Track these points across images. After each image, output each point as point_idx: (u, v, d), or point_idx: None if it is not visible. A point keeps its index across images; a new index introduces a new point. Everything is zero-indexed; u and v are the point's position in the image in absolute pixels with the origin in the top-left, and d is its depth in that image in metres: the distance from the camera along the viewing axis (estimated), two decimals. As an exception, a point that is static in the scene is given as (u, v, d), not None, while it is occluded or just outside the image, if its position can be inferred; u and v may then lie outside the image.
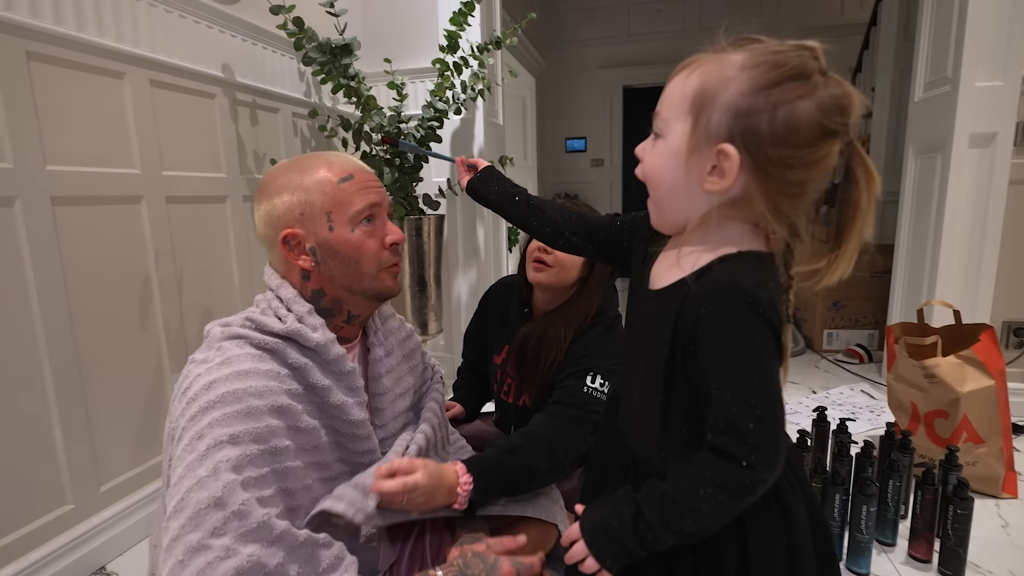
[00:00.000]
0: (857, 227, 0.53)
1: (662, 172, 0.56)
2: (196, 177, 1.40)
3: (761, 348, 0.51)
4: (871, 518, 1.10)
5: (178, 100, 1.35)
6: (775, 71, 0.50)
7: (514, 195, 0.85)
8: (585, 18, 4.97)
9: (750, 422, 0.51)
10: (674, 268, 0.58)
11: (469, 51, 1.80)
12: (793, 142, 0.50)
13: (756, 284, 0.51)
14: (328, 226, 0.70)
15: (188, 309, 1.39)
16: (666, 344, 0.56)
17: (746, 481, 0.51)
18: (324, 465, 0.70)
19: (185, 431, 0.59)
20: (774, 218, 0.53)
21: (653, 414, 0.60)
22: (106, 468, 1.20)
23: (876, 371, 2.34)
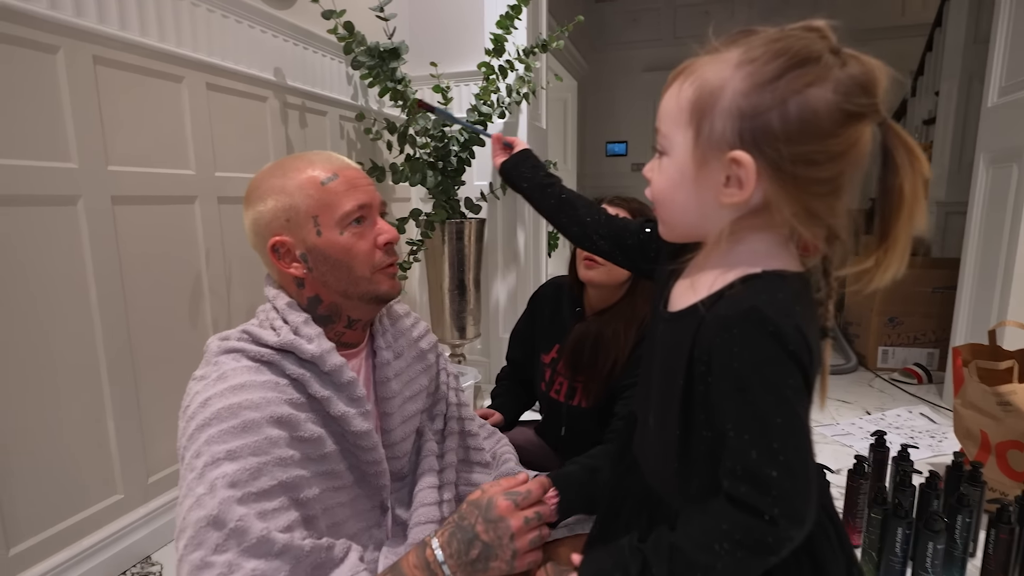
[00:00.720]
0: (904, 217, 0.45)
1: (671, 191, 0.51)
2: (247, 178, 1.43)
3: (784, 385, 0.44)
4: (938, 556, 1.02)
5: (232, 103, 1.38)
6: (776, 61, 0.44)
7: (546, 186, 0.80)
8: (630, 20, 4.90)
9: (773, 470, 0.44)
10: (693, 290, 0.52)
11: (515, 54, 1.79)
12: (812, 135, 0.44)
13: (779, 310, 0.44)
14: (316, 230, 0.66)
15: (235, 307, 1.42)
16: (681, 374, 0.50)
17: (768, 539, 0.44)
18: (334, 474, 0.67)
19: (185, 450, 0.58)
20: (807, 223, 0.47)
21: (670, 450, 0.54)
22: (154, 460, 1.24)
23: (936, 393, 2.20)
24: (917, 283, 2.39)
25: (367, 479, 0.72)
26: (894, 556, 1.07)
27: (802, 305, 0.47)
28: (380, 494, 0.74)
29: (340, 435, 0.68)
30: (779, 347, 0.44)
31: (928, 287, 2.38)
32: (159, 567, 1.18)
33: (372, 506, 0.74)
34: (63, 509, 1.06)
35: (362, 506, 0.72)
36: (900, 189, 0.45)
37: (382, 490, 0.74)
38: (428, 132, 1.68)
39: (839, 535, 0.56)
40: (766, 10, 4.56)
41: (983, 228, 1.86)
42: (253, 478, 0.56)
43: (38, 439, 1.02)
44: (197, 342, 1.32)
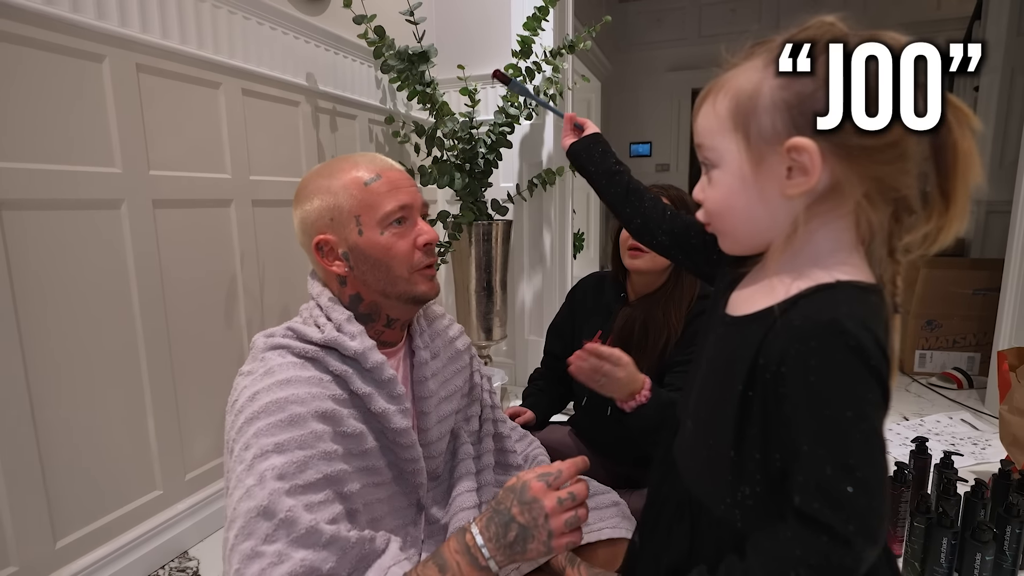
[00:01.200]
0: (961, 174, 0.45)
1: (730, 198, 0.50)
2: (279, 182, 1.46)
3: (864, 400, 0.43)
4: (986, 567, 0.99)
5: (266, 108, 1.41)
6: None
7: (615, 173, 0.80)
8: (654, 20, 4.86)
9: (848, 486, 0.43)
10: (758, 295, 0.52)
11: (542, 56, 1.79)
12: None
13: (859, 323, 0.43)
14: (358, 230, 0.68)
15: (268, 309, 1.45)
16: (741, 380, 0.49)
17: (846, 560, 0.43)
18: (374, 470, 0.69)
19: (235, 443, 0.60)
20: (882, 195, 0.46)
21: (719, 458, 0.53)
22: (191, 457, 1.26)
23: (978, 398, 2.12)
24: (956, 284, 2.32)
25: (404, 476, 0.73)
26: (938, 567, 1.04)
27: (879, 318, 0.46)
28: (416, 492, 0.75)
29: (380, 432, 0.69)
30: (860, 362, 0.43)
31: (968, 289, 2.30)
32: (196, 562, 1.20)
33: (409, 503, 0.74)
34: (106, 504, 1.10)
35: (399, 503, 0.73)
36: (954, 145, 0.44)
37: (419, 488, 0.74)
38: (456, 134, 1.69)
39: (890, 561, 0.54)
40: (793, 8, 4.48)
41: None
42: (300, 471, 0.58)
43: (83, 436, 1.05)
44: (232, 342, 1.35)
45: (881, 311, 0.47)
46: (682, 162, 4.99)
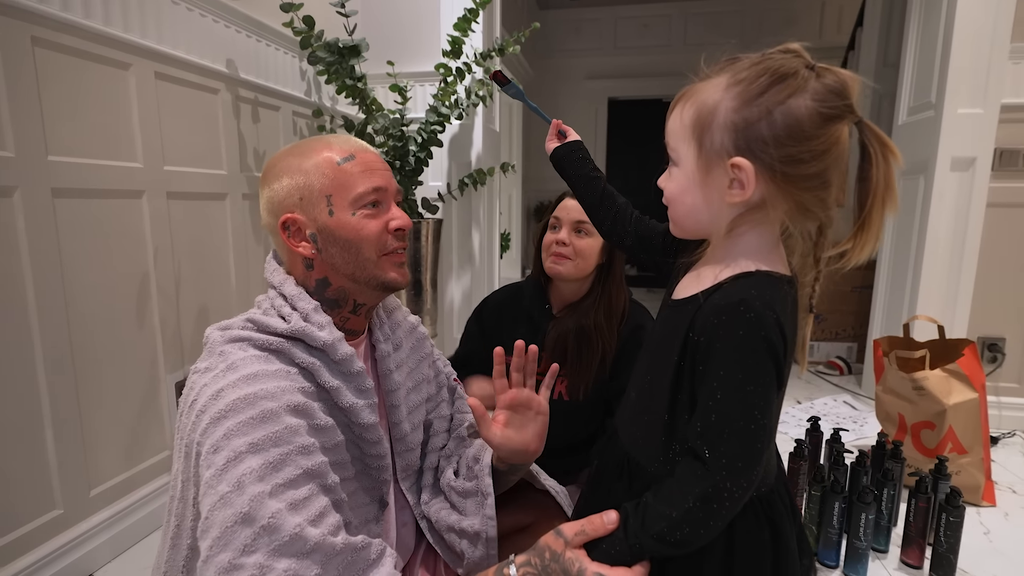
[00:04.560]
0: (879, 202, 0.52)
1: (682, 195, 0.59)
2: (197, 173, 1.37)
3: (755, 366, 0.51)
4: (869, 525, 1.13)
5: (182, 94, 1.32)
6: (759, 80, 0.52)
7: (593, 179, 0.86)
8: (573, 29, 5.04)
9: (725, 430, 0.52)
10: (696, 282, 0.60)
11: (472, 57, 1.81)
12: (798, 137, 0.51)
13: (764, 303, 0.52)
14: (328, 210, 0.66)
15: (185, 308, 1.35)
16: (676, 352, 0.57)
17: (709, 489, 0.52)
18: (342, 464, 0.67)
19: (200, 446, 0.56)
20: (800, 215, 0.55)
21: (655, 420, 0.61)
22: (97, 471, 1.16)
23: (856, 382, 2.41)
24: (839, 283, 2.62)
25: (369, 472, 0.72)
26: (831, 528, 1.18)
27: (784, 303, 0.54)
28: (380, 489, 0.74)
29: (346, 426, 0.68)
30: (757, 335, 0.51)
31: (848, 286, 2.61)
32: (104, 585, 1.10)
33: (371, 500, 0.73)
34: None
35: (360, 500, 0.72)
36: (874, 178, 0.52)
37: (383, 484, 0.74)
38: (387, 131, 1.67)
39: (792, 509, 0.64)
40: (698, 26, 4.83)
41: (896, 233, 2.07)
42: (278, 469, 0.55)
43: (-32, 452, 0.93)
44: (144, 344, 1.25)
45: (787, 297, 0.56)
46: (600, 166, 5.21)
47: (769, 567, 0.59)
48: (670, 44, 4.92)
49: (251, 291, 1.57)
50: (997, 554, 1.26)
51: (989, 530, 1.35)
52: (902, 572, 1.20)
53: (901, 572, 1.20)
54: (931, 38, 1.87)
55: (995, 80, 1.75)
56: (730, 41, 0.62)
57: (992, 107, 1.76)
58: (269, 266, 0.71)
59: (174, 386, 1.32)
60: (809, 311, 0.58)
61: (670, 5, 4.85)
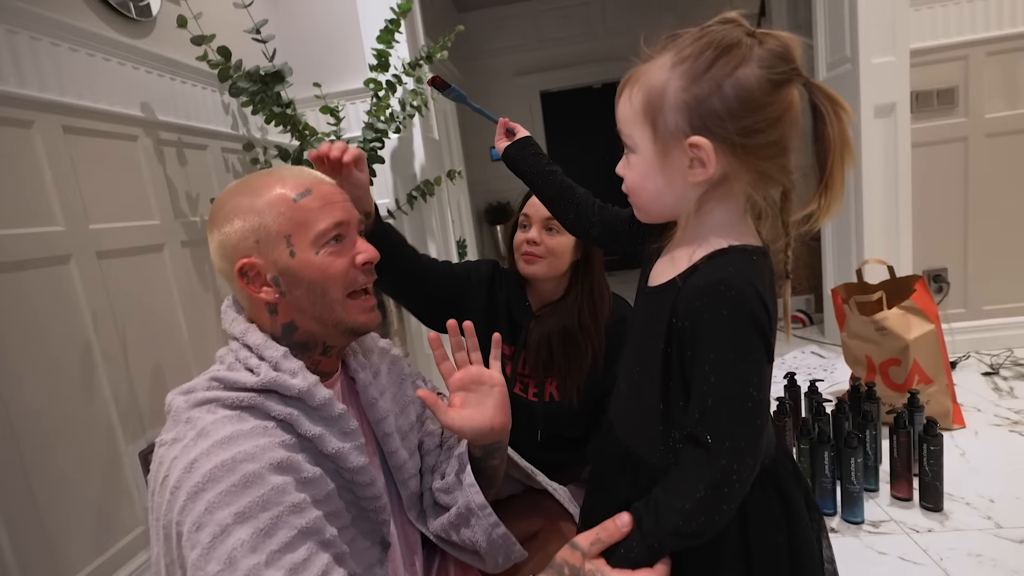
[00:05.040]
0: (838, 159, 0.52)
1: (643, 181, 0.58)
2: (128, 227, 1.28)
3: (743, 344, 0.51)
4: (859, 469, 1.17)
5: (97, 145, 1.23)
6: (704, 55, 0.51)
7: (549, 173, 0.83)
8: (494, 28, 5.04)
9: (724, 414, 0.51)
10: (670, 266, 0.59)
11: (401, 68, 1.77)
12: (751, 108, 0.51)
13: (743, 279, 0.51)
14: (288, 251, 0.62)
15: (137, 372, 1.26)
16: (662, 340, 0.56)
17: (718, 475, 0.51)
18: (337, 514, 0.64)
19: (180, 526, 0.51)
20: (762, 184, 0.54)
21: (650, 411, 0.60)
22: (66, 564, 1.06)
23: (819, 332, 2.51)
24: (787, 240, 2.71)
25: (366, 516, 0.68)
26: (824, 477, 1.21)
27: (762, 275, 0.54)
28: (380, 530, 0.70)
29: (335, 472, 0.64)
30: (742, 313, 0.51)
31: (796, 242, 2.71)
32: None
33: (372, 543, 0.70)
34: (-42, 648, 0.88)
35: (360, 545, 0.68)
36: (829, 135, 0.52)
37: (382, 526, 0.70)
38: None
39: (796, 472, 0.65)
40: (616, 10, 4.92)
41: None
42: (270, 535, 0.51)
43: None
44: (97, 417, 1.16)
45: (764, 269, 0.56)
46: (542, 160, 5.24)
47: (784, 536, 0.59)
48: (592, 31, 4.99)
49: (207, 343, 1.49)
50: (976, 473, 1.32)
51: (964, 451, 1.42)
52: (895, 507, 1.24)
53: (894, 507, 1.24)
54: (837, -5, 1.95)
55: (901, 28, 1.84)
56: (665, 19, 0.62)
57: (902, 53, 1.85)
58: (227, 316, 0.66)
59: (138, 456, 1.24)
60: (786, 277, 0.58)
61: (587, -7, 4.91)
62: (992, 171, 1.95)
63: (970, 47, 1.89)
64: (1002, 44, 1.88)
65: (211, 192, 1.57)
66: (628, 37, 3.44)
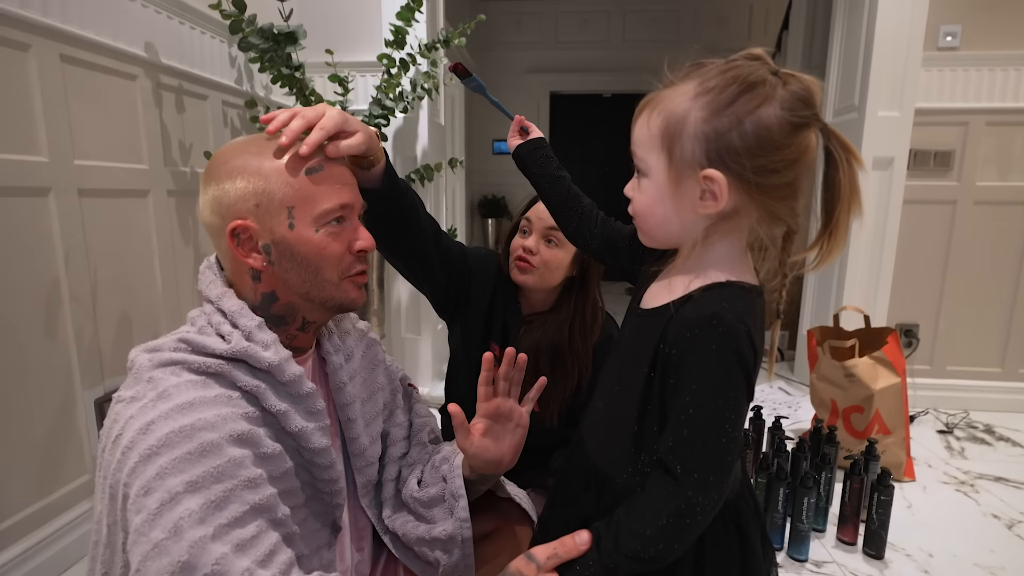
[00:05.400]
0: (845, 207, 0.53)
1: (652, 206, 0.57)
2: (114, 168, 1.24)
3: (727, 380, 0.51)
4: (810, 508, 1.20)
5: (94, 80, 1.19)
6: (728, 89, 0.52)
7: (558, 178, 0.83)
8: (514, 21, 5.02)
9: (696, 446, 0.51)
10: (665, 291, 0.59)
11: (417, 48, 1.75)
12: (769, 148, 0.51)
13: (736, 316, 0.52)
14: (288, 223, 0.60)
15: (104, 317, 1.23)
16: (647, 363, 0.57)
17: (682, 505, 0.51)
18: (292, 492, 0.62)
19: (127, 487, 0.49)
20: (769, 224, 0.55)
21: (624, 431, 0.60)
22: (4, 504, 1.03)
23: (789, 369, 2.55)
24: (771, 275, 2.76)
25: (320, 497, 0.67)
26: (777, 513, 1.23)
27: (754, 314, 0.54)
28: (332, 513, 0.69)
29: (295, 450, 0.62)
30: (729, 349, 0.51)
31: (779, 278, 2.76)
32: (16, 630, 0.99)
33: (322, 525, 0.69)
34: None
35: (311, 527, 0.67)
36: (840, 183, 0.52)
37: (335, 509, 0.69)
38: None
39: (757, 509, 0.66)
40: (636, 24, 4.93)
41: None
42: (221, 507, 0.49)
43: None
44: (56, 359, 1.12)
45: (757, 308, 0.56)
46: (542, 161, 5.23)
47: (738, 570, 0.60)
48: (609, 40, 5.00)
49: (181, 298, 1.45)
50: (920, 526, 1.36)
51: (911, 504, 1.46)
52: (839, 549, 1.28)
53: (838, 549, 1.27)
54: (854, 45, 1.98)
55: (910, 85, 1.88)
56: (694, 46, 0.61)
57: (907, 110, 1.89)
58: (204, 277, 0.64)
59: (93, 403, 1.20)
60: (776, 317, 0.58)
61: (608, 1, 4.91)
62: (975, 237, 2.01)
63: (971, 114, 1.94)
64: (1002, 116, 1.93)
65: (206, 144, 1.53)
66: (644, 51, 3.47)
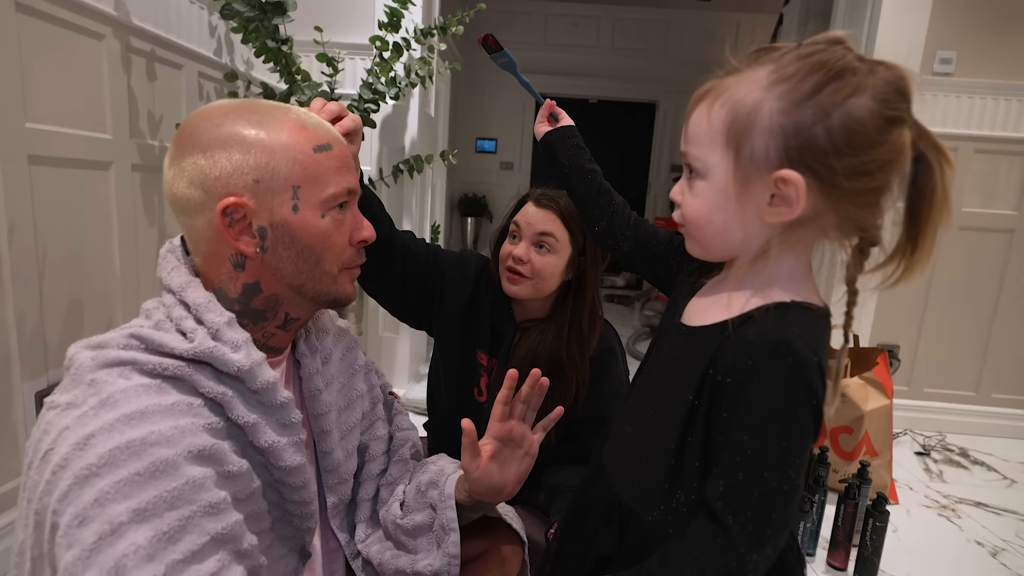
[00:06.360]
0: (935, 217, 0.45)
1: (710, 213, 0.50)
2: (72, 135, 1.11)
3: (794, 419, 0.45)
4: (805, 533, 1.16)
5: (53, 35, 1.06)
6: (812, 77, 0.45)
7: (588, 171, 0.77)
8: (504, 19, 4.95)
9: (754, 494, 0.45)
10: (716, 306, 0.52)
11: (412, 33, 1.66)
12: (860, 145, 0.44)
13: (806, 345, 0.45)
14: (292, 204, 0.52)
15: (51, 301, 1.10)
16: (692, 389, 0.50)
17: (733, 563, 0.45)
18: (258, 516, 0.54)
19: (58, 515, 0.40)
20: (848, 233, 0.48)
21: (657, 463, 0.53)
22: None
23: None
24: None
25: (289, 520, 0.58)
26: (770, 537, 1.19)
27: (825, 342, 0.48)
28: (301, 538, 0.60)
29: (263, 466, 0.54)
30: (799, 381, 0.44)
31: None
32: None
33: (289, 551, 0.60)
34: None
35: (277, 553, 0.58)
36: (934, 189, 0.45)
37: (305, 533, 0.60)
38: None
39: (800, 557, 0.58)
40: (625, 32, 4.93)
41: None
42: (175, 540, 0.41)
43: None
44: (-8, 346, 0.99)
45: (827, 335, 0.50)
46: (525, 162, 5.18)
47: None
48: (598, 46, 4.98)
49: (141, 284, 1.33)
50: (907, 552, 1.34)
51: (897, 528, 1.44)
52: (829, 574, 1.24)
53: (828, 575, 1.24)
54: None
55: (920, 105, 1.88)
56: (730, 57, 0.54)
57: (901, 132, 1.90)
58: (165, 263, 0.54)
59: (34, 397, 1.07)
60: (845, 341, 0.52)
61: (599, 7, 4.90)
62: (958, 262, 2.03)
63: (961, 140, 1.96)
64: (989, 144, 1.96)
65: (178, 117, 1.41)
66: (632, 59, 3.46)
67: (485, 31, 0.94)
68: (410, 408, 1.93)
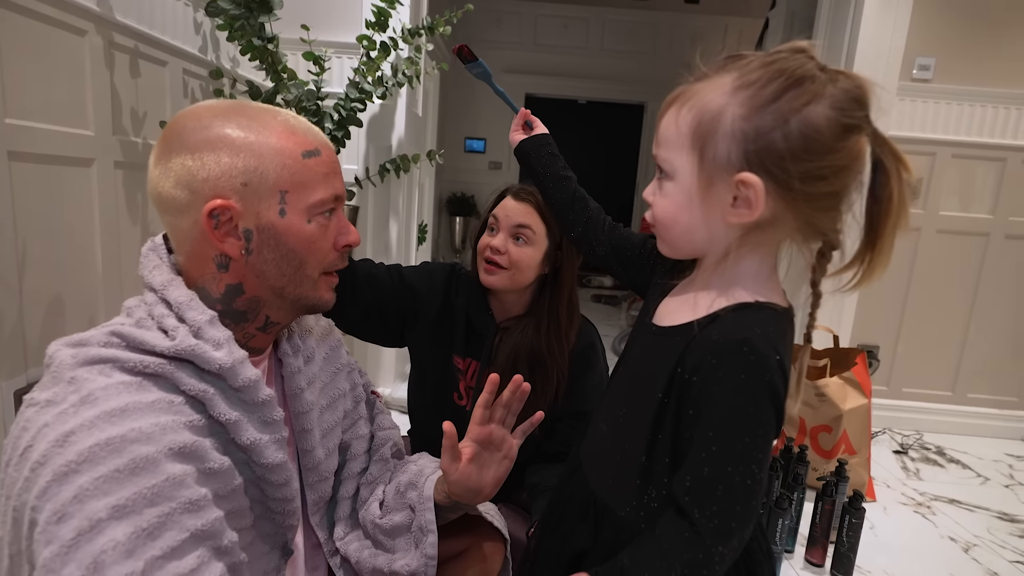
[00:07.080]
0: (892, 222, 0.47)
1: (676, 213, 0.52)
2: (53, 131, 1.10)
3: (756, 415, 0.47)
4: (784, 530, 1.18)
5: (35, 30, 1.05)
6: (773, 83, 0.46)
7: (563, 179, 0.77)
8: (494, 20, 4.95)
9: (718, 488, 0.47)
10: (684, 308, 0.54)
11: (399, 33, 1.66)
12: (817, 151, 0.45)
13: (768, 344, 0.47)
14: (279, 208, 0.53)
15: (31, 298, 1.09)
16: (661, 388, 0.52)
17: (699, 556, 0.47)
18: (239, 513, 0.54)
19: (36, 511, 0.41)
20: (808, 236, 0.50)
21: (630, 461, 0.55)
22: None
23: (751, 384, 2.59)
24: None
25: (271, 517, 0.59)
26: (749, 534, 1.21)
27: (785, 341, 0.49)
28: (284, 535, 0.61)
29: (245, 464, 0.54)
30: (761, 381, 0.46)
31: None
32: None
33: (271, 549, 0.60)
34: None
35: (258, 550, 0.59)
36: (891, 195, 0.47)
37: (287, 531, 0.61)
38: (300, 104, 1.47)
39: (769, 553, 0.61)
40: (614, 33, 4.96)
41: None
42: (154, 536, 0.41)
43: None
44: (-30, 345, 0.98)
45: (789, 334, 0.51)
46: (513, 161, 5.15)
47: None
48: (587, 47, 5.00)
49: (124, 283, 1.32)
50: (883, 548, 1.37)
51: (874, 525, 1.47)
52: (807, 571, 1.27)
53: (807, 571, 1.27)
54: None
55: (884, 112, 1.92)
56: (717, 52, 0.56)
57: (882, 137, 1.94)
58: (147, 261, 0.54)
59: (12, 395, 1.06)
60: (806, 341, 0.54)
61: (588, 8, 4.92)
62: (936, 265, 2.07)
63: (939, 145, 2.00)
64: (966, 149, 2.00)
65: (162, 114, 1.40)
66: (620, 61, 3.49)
67: (475, 31, 0.95)
68: (395, 408, 1.93)
